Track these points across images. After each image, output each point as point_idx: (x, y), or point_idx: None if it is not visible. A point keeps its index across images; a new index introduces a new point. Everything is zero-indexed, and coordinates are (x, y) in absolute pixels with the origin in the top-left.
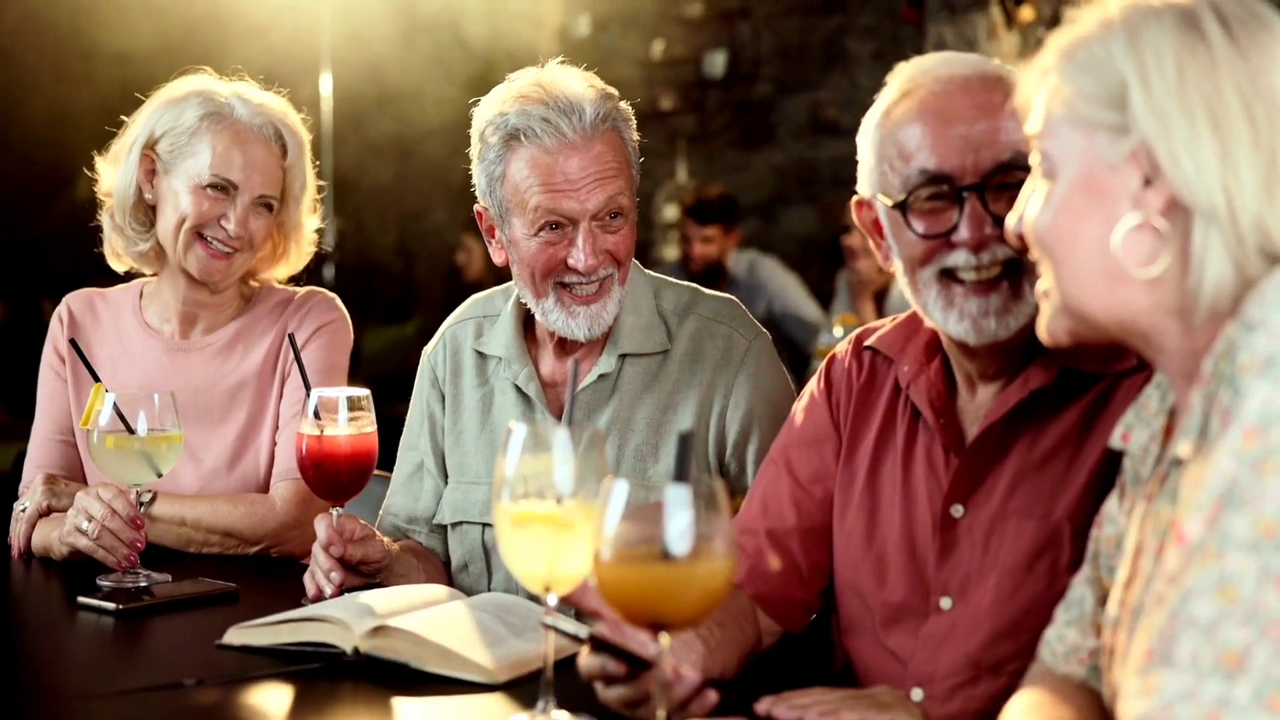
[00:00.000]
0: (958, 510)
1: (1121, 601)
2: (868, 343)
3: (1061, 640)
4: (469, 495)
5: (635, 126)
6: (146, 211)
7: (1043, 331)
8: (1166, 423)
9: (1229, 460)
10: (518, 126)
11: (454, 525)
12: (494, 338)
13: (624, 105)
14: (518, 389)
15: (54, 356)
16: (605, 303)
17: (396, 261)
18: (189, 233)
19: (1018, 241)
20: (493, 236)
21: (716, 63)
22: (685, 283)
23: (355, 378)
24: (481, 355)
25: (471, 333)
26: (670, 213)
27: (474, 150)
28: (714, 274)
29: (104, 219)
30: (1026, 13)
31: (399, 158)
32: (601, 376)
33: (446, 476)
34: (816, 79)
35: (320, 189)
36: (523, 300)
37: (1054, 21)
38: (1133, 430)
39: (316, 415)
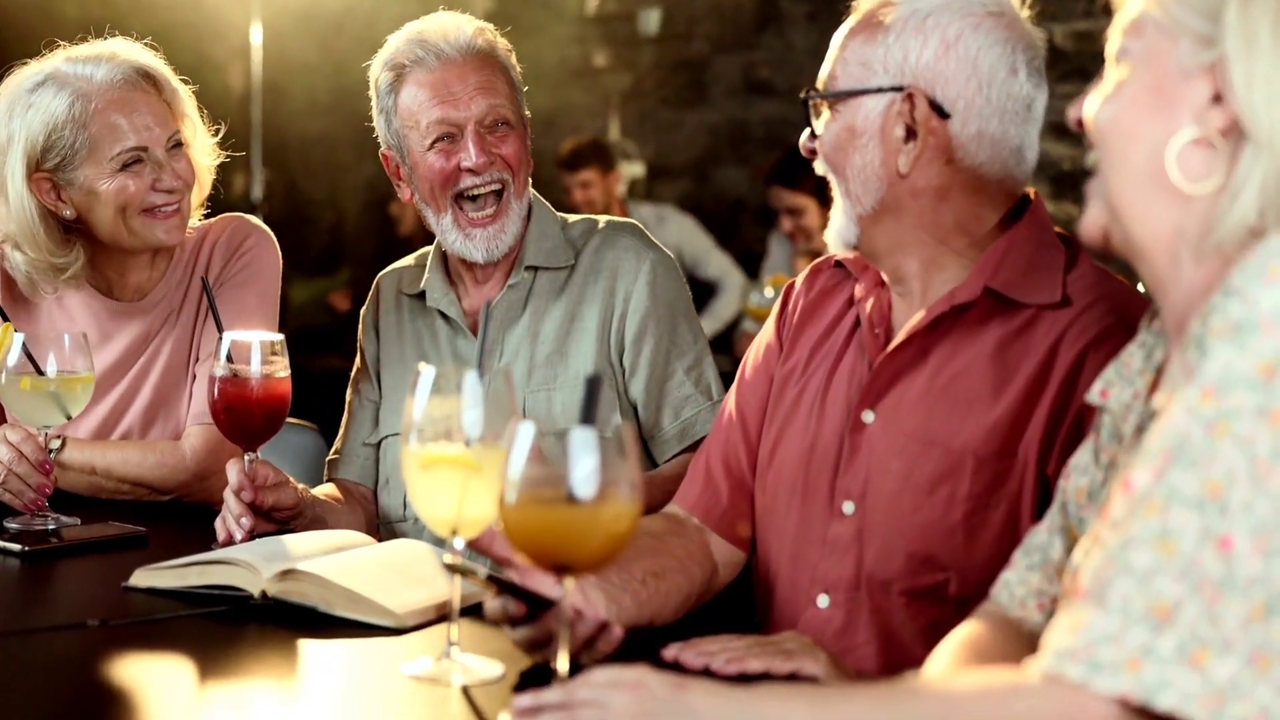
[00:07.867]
0: (868, 416)
1: (1088, 551)
2: (834, 261)
3: (1023, 583)
4: (398, 412)
5: (515, 59)
6: (63, 229)
7: (1082, 224)
8: (1152, 380)
9: (1183, 416)
10: (401, 60)
11: (381, 441)
12: (420, 277)
13: (501, 39)
14: (441, 314)
15: None
16: (503, 223)
17: (327, 214)
18: (135, 215)
19: (1078, 127)
20: (399, 178)
21: (651, 20)
22: (592, 216)
23: (281, 328)
24: (408, 297)
25: (398, 279)
26: None
27: (373, 103)
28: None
29: (11, 255)
30: None
31: (330, 109)
32: (511, 287)
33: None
34: (751, 39)
35: (214, 130)
36: (428, 225)
37: None
38: (1112, 387)
39: (230, 359)
